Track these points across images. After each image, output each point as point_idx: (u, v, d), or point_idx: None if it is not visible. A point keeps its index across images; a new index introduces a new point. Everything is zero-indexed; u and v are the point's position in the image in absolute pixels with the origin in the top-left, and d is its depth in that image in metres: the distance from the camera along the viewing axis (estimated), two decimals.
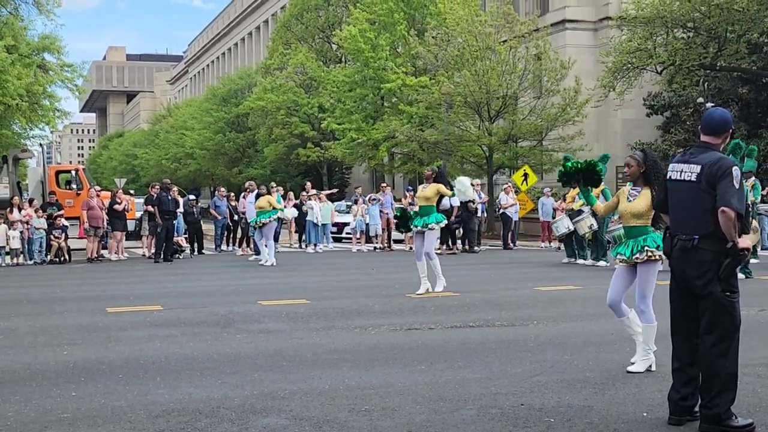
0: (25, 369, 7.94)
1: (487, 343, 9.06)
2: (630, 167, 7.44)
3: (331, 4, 54.14)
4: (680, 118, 36.35)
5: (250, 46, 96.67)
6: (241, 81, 67.37)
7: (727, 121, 5.91)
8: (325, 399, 6.65)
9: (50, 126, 37.95)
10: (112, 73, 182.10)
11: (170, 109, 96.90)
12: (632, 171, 7.43)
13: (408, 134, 36.20)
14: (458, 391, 6.85)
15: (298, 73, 52.00)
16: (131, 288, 15.60)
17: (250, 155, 63.15)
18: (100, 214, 23.00)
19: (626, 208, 7.54)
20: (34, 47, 33.69)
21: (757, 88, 34.49)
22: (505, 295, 13.76)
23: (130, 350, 8.85)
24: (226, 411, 6.32)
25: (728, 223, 5.51)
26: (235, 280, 17.22)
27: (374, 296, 13.50)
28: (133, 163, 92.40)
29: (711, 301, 5.64)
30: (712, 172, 5.62)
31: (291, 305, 12.47)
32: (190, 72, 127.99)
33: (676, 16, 30.89)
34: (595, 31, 41.06)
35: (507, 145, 33.78)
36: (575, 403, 6.47)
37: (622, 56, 31.90)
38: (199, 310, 12.12)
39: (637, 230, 7.52)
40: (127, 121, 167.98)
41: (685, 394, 5.80)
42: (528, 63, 33.26)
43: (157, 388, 7.11)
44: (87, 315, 11.78)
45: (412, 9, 41.68)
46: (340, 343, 9.14)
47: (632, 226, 7.55)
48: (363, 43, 40.09)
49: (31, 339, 9.74)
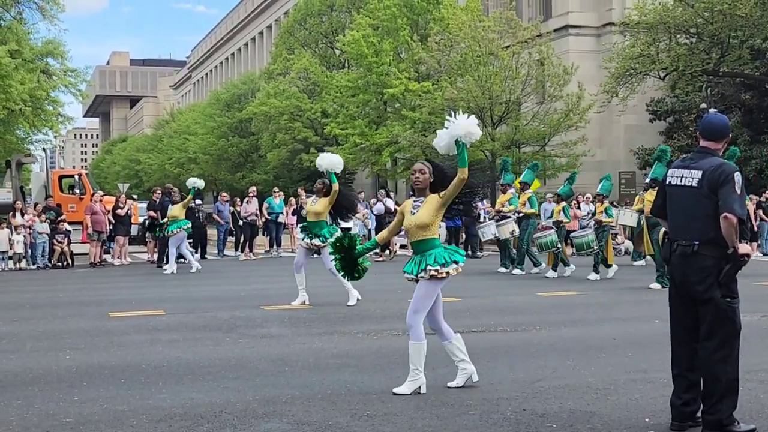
0: (27, 373, 7.95)
1: (489, 348, 9.06)
2: (423, 174, 6.98)
3: (334, 9, 54.23)
4: (683, 124, 36.37)
5: (253, 51, 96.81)
6: (245, 86, 67.43)
7: (727, 126, 5.92)
8: (327, 404, 6.65)
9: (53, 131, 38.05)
10: (116, 78, 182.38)
11: (173, 114, 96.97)
12: (425, 179, 6.98)
13: (411, 140, 36.23)
14: (460, 396, 6.85)
15: (301, 78, 52.07)
16: (133, 293, 15.60)
17: (253, 160, 63.18)
18: (103, 219, 23.02)
19: (410, 222, 6.98)
20: (38, 52, 33.79)
21: (760, 94, 34.50)
22: (508, 300, 13.77)
23: (132, 355, 8.85)
24: (228, 416, 6.33)
25: (730, 228, 5.51)
26: (237, 284, 17.22)
27: (376, 301, 13.50)
28: (136, 168, 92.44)
29: (711, 307, 5.63)
30: (713, 177, 5.62)
31: (293, 310, 12.48)
32: (194, 77, 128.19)
33: (679, 22, 30.95)
34: (598, 36, 41.12)
35: (510, 150, 33.78)
36: (577, 408, 6.47)
37: (625, 62, 31.97)
38: (202, 314, 12.13)
39: (425, 244, 6.97)
40: (131, 126, 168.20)
41: (687, 399, 5.79)
42: (531, 68, 33.30)
43: (159, 392, 7.11)
44: (89, 319, 11.79)
45: (415, 14, 41.73)
46: (342, 348, 9.14)
47: (419, 240, 6.98)
48: (366, 48, 40.14)
49: (34, 343, 9.75)
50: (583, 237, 17.50)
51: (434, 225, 6.95)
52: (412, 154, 38.52)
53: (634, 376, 7.58)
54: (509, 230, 18.63)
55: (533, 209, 18.78)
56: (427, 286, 6.91)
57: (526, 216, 18.66)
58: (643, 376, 7.53)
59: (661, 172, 17.95)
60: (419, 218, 6.92)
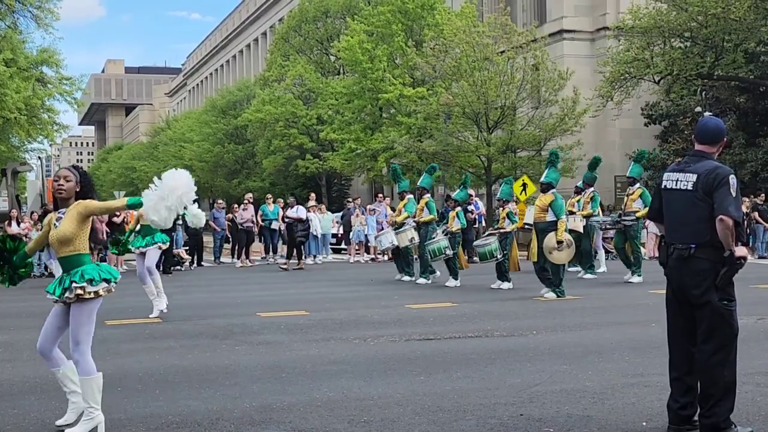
0: (24, 382, 7.94)
1: (486, 353, 9.06)
2: (68, 182, 6.12)
3: (329, 15, 54.23)
4: (678, 128, 36.42)
5: (248, 58, 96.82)
6: (240, 93, 67.43)
7: (722, 129, 5.93)
8: (325, 410, 6.64)
9: (49, 139, 38.07)
10: (111, 86, 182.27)
11: (169, 121, 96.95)
12: (70, 187, 6.11)
13: (406, 145, 36.24)
14: (457, 402, 6.84)
15: (297, 84, 52.05)
16: (130, 300, 15.55)
17: (249, 167, 63.16)
18: (99, 227, 22.97)
19: (53, 236, 6.08)
20: (33, 60, 33.79)
21: (755, 97, 34.56)
22: (504, 305, 13.77)
23: (128, 363, 8.84)
24: (226, 423, 6.32)
25: (726, 231, 5.52)
26: (234, 291, 17.21)
27: (373, 307, 13.50)
28: (132, 176, 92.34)
29: (708, 310, 5.64)
30: (708, 180, 5.63)
31: (290, 317, 12.47)
32: (189, 84, 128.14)
33: (673, 26, 31.00)
34: (593, 41, 41.17)
35: (506, 155, 33.79)
36: (574, 413, 6.47)
37: (620, 66, 32.00)
38: (198, 322, 12.12)
39: (70, 261, 6.07)
40: (126, 134, 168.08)
41: (684, 403, 5.79)
42: (526, 73, 33.28)
43: (155, 400, 7.10)
44: None
45: (409, 20, 41.75)
46: (339, 355, 9.14)
47: (63, 256, 6.07)
48: (361, 54, 40.16)
49: (30, 352, 9.71)
50: (485, 246, 16.38)
51: (79, 239, 6.04)
52: (407, 160, 38.54)
53: (631, 380, 7.58)
54: (408, 238, 18.04)
55: (431, 215, 17.97)
56: (81, 312, 6.08)
57: (425, 222, 17.95)
58: (639, 380, 7.53)
59: (639, 172, 18.04)
60: (61, 232, 6.00)
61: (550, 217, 14.65)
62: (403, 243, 18.28)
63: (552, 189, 14.83)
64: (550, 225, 14.61)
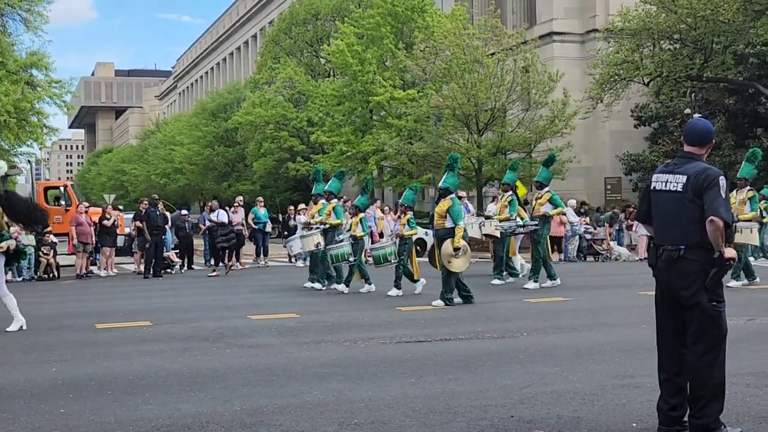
0: (13, 386, 7.91)
1: (476, 355, 9.06)
2: None
3: (319, 18, 54.24)
4: (668, 129, 36.53)
5: (238, 60, 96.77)
6: (230, 95, 67.40)
7: (711, 131, 5.95)
8: (315, 413, 6.64)
9: (39, 142, 38.00)
10: (101, 89, 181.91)
11: (159, 124, 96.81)
12: None
13: (397, 147, 36.27)
14: (448, 404, 6.84)
15: (287, 87, 52.06)
16: (120, 304, 15.55)
17: (239, 169, 63.13)
18: (88, 230, 22.94)
19: None
20: (22, 63, 33.69)
21: (744, 99, 34.68)
22: (495, 307, 13.77)
23: (119, 366, 8.82)
24: (216, 426, 6.31)
25: (716, 232, 5.54)
26: (224, 294, 17.18)
27: (364, 309, 13.50)
28: (122, 179, 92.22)
29: (698, 312, 5.66)
30: (698, 182, 5.65)
31: (281, 319, 12.46)
32: (179, 87, 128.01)
33: (663, 28, 31.12)
34: (583, 43, 41.28)
35: (496, 157, 33.84)
36: (565, 414, 6.48)
37: (610, 68, 32.11)
38: (189, 325, 12.09)
39: None
40: (116, 137, 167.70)
41: (674, 404, 5.80)
42: (516, 75, 33.35)
43: (146, 403, 7.08)
44: (76, 331, 11.74)
45: (399, 23, 41.78)
46: (329, 357, 9.13)
47: None
48: (351, 57, 40.18)
49: (20, 356, 9.70)
50: (380, 250, 16.20)
51: None
52: (398, 162, 38.57)
53: (621, 381, 7.59)
54: (314, 243, 17.40)
55: (339, 220, 17.43)
56: None
57: (332, 227, 17.40)
58: (630, 381, 7.54)
59: (547, 176, 17.74)
60: None
61: (449, 223, 13.96)
62: (309, 248, 17.63)
63: (450, 194, 14.18)
64: (448, 232, 13.93)
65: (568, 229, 26.53)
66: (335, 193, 18.03)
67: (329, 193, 17.87)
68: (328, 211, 17.55)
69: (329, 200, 17.72)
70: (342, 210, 17.85)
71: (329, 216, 17.46)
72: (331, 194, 17.85)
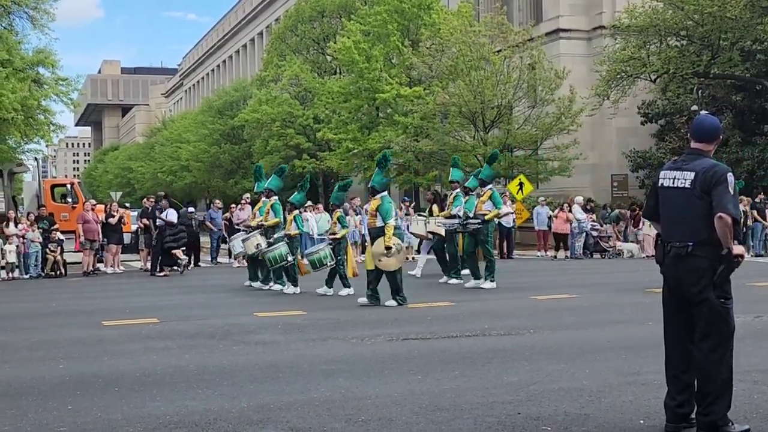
0: (21, 383, 7.92)
1: (483, 352, 9.06)
2: None
3: (325, 15, 54.20)
4: (675, 126, 36.41)
5: (244, 58, 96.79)
6: (236, 93, 67.38)
7: (718, 127, 5.94)
8: (322, 410, 6.64)
9: (45, 140, 38.00)
10: (107, 87, 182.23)
11: (165, 121, 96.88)
12: None
13: (403, 145, 36.24)
14: (455, 401, 6.84)
15: (293, 84, 52.03)
16: (127, 301, 15.57)
17: (245, 167, 63.09)
18: (95, 228, 22.96)
19: None
20: (29, 61, 33.69)
21: (751, 96, 34.57)
22: (501, 304, 13.77)
23: (126, 363, 8.83)
24: (223, 423, 6.31)
25: (725, 229, 5.52)
26: (231, 292, 17.20)
27: (370, 307, 13.50)
28: (128, 177, 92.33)
29: (706, 308, 5.64)
30: (706, 178, 5.63)
31: (287, 316, 12.46)
32: (185, 85, 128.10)
33: (669, 25, 31.02)
34: (589, 40, 41.16)
35: (502, 154, 33.79)
36: (572, 411, 6.47)
37: (616, 65, 32.00)
38: (195, 322, 12.10)
39: None
40: (123, 135, 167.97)
41: (681, 401, 5.79)
42: (522, 72, 33.30)
43: (153, 400, 7.09)
44: (83, 328, 11.76)
45: (406, 20, 41.74)
46: (336, 354, 9.13)
47: None
48: (357, 54, 40.14)
49: (27, 353, 9.72)
50: (316, 253, 15.59)
51: None
52: (404, 159, 38.54)
53: (628, 378, 7.58)
54: (254, 244, 17.18)
55: (277, 218, 17.08)
56: None
57: (270, 227, 17.12)
58: (637, 378, 7.53)
59: (489, 174, 17.43)
60: None
61: (380, 222, 13.79)
62: (250, 249, 17.41)
63: (378, 193, 14.08)
64: (380, 231, 13.75)
65: (575, 226, 26.54)
66: (275, 190, 17.65)
67: (269, 190, 17.54)
68: (267, 209, 17.30)
69: (269, 197, 17.44)
70: (280, 208, 17.37)
71: (268, 215, 17.20)
72: (270, 192, 17.51)
